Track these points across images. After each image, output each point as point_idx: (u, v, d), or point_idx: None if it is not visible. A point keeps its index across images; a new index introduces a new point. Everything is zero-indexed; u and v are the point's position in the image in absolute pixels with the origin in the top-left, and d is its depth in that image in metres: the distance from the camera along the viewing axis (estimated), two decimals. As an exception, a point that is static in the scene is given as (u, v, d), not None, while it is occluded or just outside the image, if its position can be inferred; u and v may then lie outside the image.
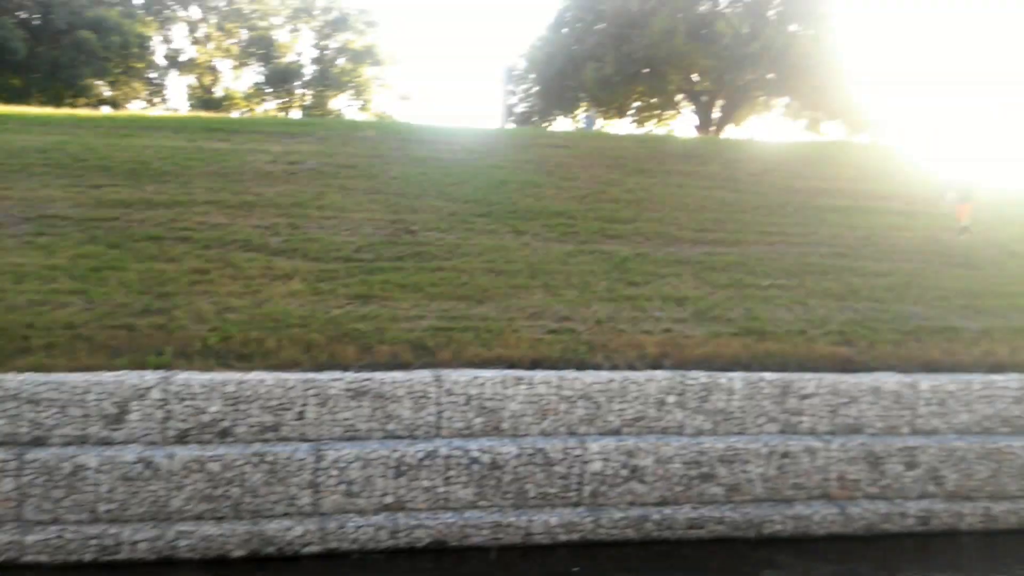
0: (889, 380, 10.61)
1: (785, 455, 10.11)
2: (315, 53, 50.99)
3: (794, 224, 16.52)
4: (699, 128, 39.31)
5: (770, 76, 36.55)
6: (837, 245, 15.47)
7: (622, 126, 43.10)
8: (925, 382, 10.67)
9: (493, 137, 23.20)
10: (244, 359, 10.03)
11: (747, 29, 33.94)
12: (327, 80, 50.26)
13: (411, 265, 13.11)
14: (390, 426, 9.57)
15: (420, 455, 9.40)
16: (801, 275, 13.88)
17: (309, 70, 50.88)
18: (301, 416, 9.43)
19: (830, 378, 10.57)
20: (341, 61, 50.58)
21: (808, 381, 10.43)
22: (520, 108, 40.35)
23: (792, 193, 18.75)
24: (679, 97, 40.05)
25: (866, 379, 10.64)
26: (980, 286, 13.79)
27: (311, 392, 9.44)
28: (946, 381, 10.71)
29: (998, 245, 15.94)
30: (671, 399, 10.13)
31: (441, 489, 9.37)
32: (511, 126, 36.76)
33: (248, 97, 50.15)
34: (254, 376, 9.46)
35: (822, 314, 12.46)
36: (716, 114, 39.54)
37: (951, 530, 10.55)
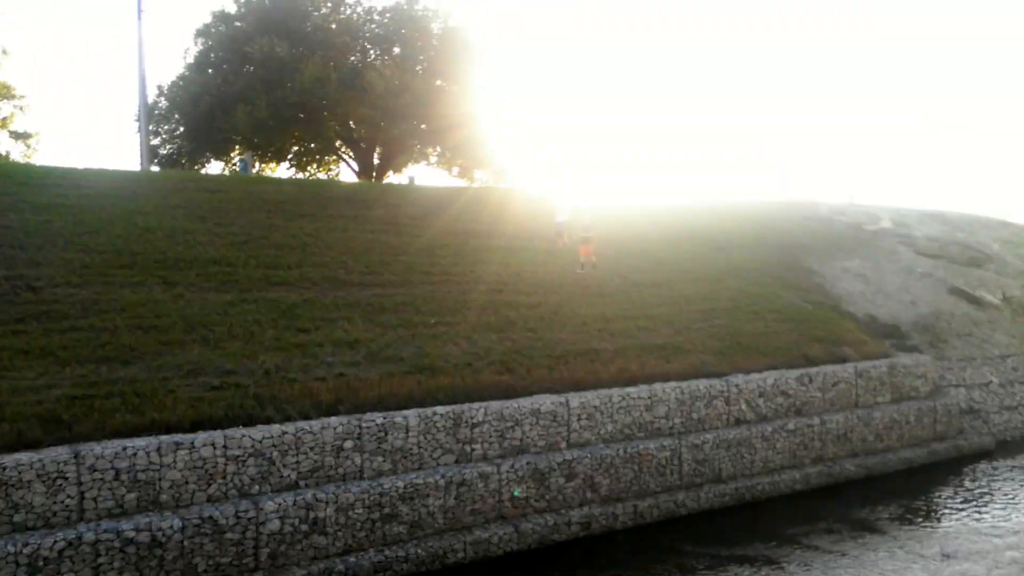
0: (546, 401, 11.61)
1: (462, 484, 10.47)
2: None
3: (454, 264, 17.43)
4: (360, 174, 39.77)
5: (423, 127, 38.50)
6: (493, 282, 16.63)
7: (282, 170, 42.11)
8: (575, 400, 11.87)
9: (134, 180, 21.04)
10: None
11: (397, 82, 35.44)
12: (-88, 114, 41.59)
13: (35, 327, 11.23)
14: (17, 517, 7.99)
15: (60, 546, 7.96)
16: (464, 311, 14.64)
17: None
18: None
19: (496, 405, 11.25)
20: (-69, 92, 42.25)
21: (477, 410, 10.98)
22: (165, 149, 37.27)
23: (451, 235, 19.80)
24: (339, 143, 40.24)
25: (526, 403, 11.52)
26: (611, 312, 15.79)
27: (-101, 492, 7.54)
28: (592, 397, 12.02)
29: (622, 276, 18.45)
30: (348, 444, 9.94)
31: (88, 583, 8.04)
32: (155, 169, 33.72)
33: None
34: None
35: (485, 346, 13.25)
36: (376, 160, 40.45)
37: (609, 531, 11.75)
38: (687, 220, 25.54)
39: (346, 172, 42.80)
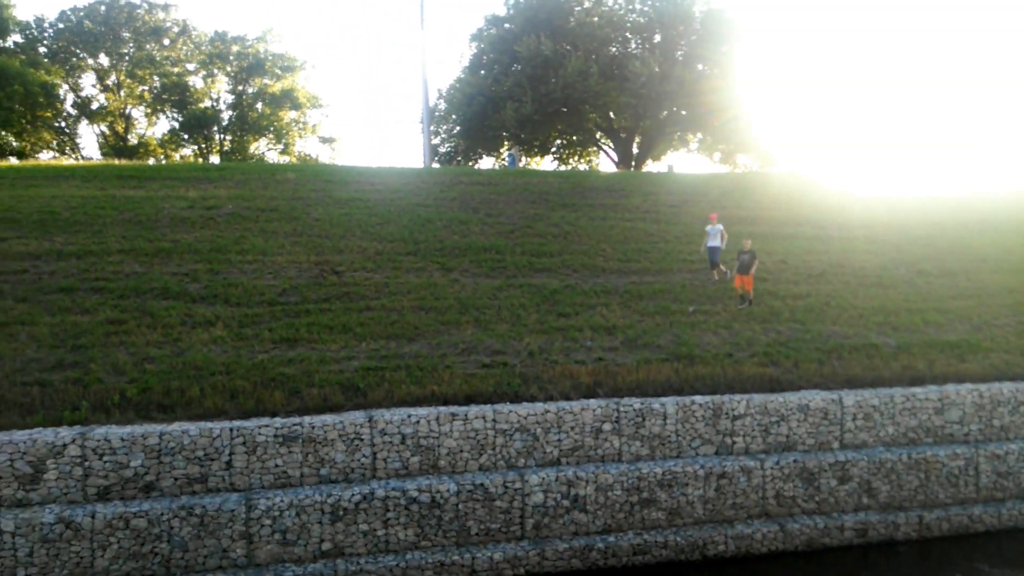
0: (815, 397, 10.89)
1: (722, 476, 10.21)
2: (231, 98, 50.17)
3: (715, 251, 16.93)
4: (619, 163, 40.20)
5: (684, 113, 37.88)
6: (756, 270, 15.92)
7: (546, 163, 43.94)
8: (850, 398, 11.00)
9: (417, 177, 23.15)
10: (165, 410, 9.58)
11: (658, 68, 35.18)
12: (245, 125, 49.37)
13: (338, 306, 12.85)
14: (323, 471, 9.25)
15: (356, 499, 9.12)
16: (724, 300, 14.20)
17: (226, 115, 49.95)
18: (229, 465, 9.03)
19: (759, 398, 10.79)
20: (259, 106, 49.82)
21: (738, 402, 10.61)
22: (444, 148, 40.54)
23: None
24: (599, 134, 40.98)
25: (793, 398, 10.90)
26: (894, 304, 14.38)
27: (238, 440, 9.06)
28: (869, 396, 11.05)
29: (907, 264, 16.71)
30: (607, 427, 10.14)
31: (380, 532, 9.07)
32: (436, 166, 36.80)
33: (163, 144, 48.63)
34: (177, 427, 9.04)
35: (747, 336, 12.75)
36: (635, 149, 40.58)
37: (888, 540, 10.77)
38: (988, 207, 22.42)
39: (606, 162, 43.38)
